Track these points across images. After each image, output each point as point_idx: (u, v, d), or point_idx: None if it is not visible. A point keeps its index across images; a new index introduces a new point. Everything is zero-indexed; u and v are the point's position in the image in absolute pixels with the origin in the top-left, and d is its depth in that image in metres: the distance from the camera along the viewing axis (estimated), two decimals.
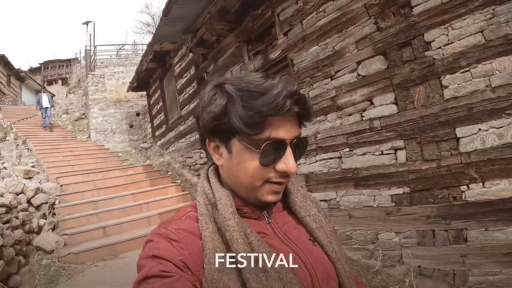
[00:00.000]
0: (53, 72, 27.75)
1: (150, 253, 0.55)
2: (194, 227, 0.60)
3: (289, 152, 0.59)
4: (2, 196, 3.37)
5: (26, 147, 8.78)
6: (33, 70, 27.73)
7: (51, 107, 10.89)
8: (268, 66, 4.05)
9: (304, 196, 0.73)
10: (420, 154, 2.73)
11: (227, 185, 0.65)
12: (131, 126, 10.71)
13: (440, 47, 2.58)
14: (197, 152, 6.04)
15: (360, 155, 3.07)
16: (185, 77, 6.45)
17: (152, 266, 0.53)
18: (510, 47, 2.26)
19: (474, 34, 2.43)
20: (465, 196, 2.55)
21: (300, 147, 0.63)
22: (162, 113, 8.17)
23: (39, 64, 28.49)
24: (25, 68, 26.02)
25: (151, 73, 8.23)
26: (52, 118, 11.22)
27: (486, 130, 2.43)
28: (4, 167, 6.08)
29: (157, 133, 8.72)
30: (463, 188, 2.54)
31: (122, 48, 18.67)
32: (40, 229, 3.85)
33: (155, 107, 8.78)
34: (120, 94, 11.46)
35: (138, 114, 10.86)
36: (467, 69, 2.47)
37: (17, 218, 3.44)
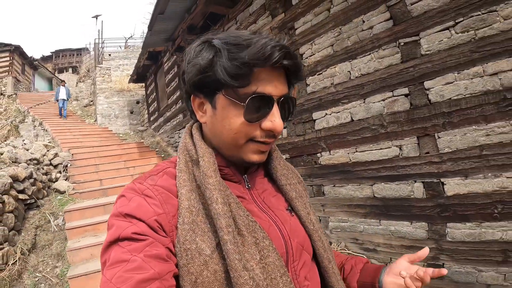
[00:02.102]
0: (64, 60, 28.25)
1: (123, 211, 0.51)
2: (171, 184, 0.56)
3: (276, 109, 0.54)
4: (33, 153, 5.02)
5: (42, 128, 9.86)
6: (45, 59, 28.31)
7: (67, 99, 11.67)
8: None
9: (286, 164, 0.70)
10: (294, 131, 3.56)
11: (210, 144, 0.60)
12: (131, 112, 11.89)
13: (307, 58, 3.32)
14: (177, 133, 7.44)
15: None
16: (171, 73, 7.72)
17: (124, 227, 0.49)
18: (347, 55, 2.92)
19: (327, 47, 3.11)
20: (320, 161, 3.25)
21: (288, 107, 0.57)
22: (155, 102, 9.35)
23: (51, 52, 29.02)
24: (37, 56, 26.37)
25: (148, 68, 9.35)
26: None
27: (330, 114, 3.11)
28: (24, 143, 7.73)
29: (151, 118, 9.94)
30: (319, 155, 3.26)
31: (131, 38, 19.66)
32: (56, 180, 5.43)
33: (151, 97, 9.95)
34: (123, 85, 12.40)
35: (138, 102, 12.00)
36: (320, 72, 3.18)
37: (42, 168, 5.08)
